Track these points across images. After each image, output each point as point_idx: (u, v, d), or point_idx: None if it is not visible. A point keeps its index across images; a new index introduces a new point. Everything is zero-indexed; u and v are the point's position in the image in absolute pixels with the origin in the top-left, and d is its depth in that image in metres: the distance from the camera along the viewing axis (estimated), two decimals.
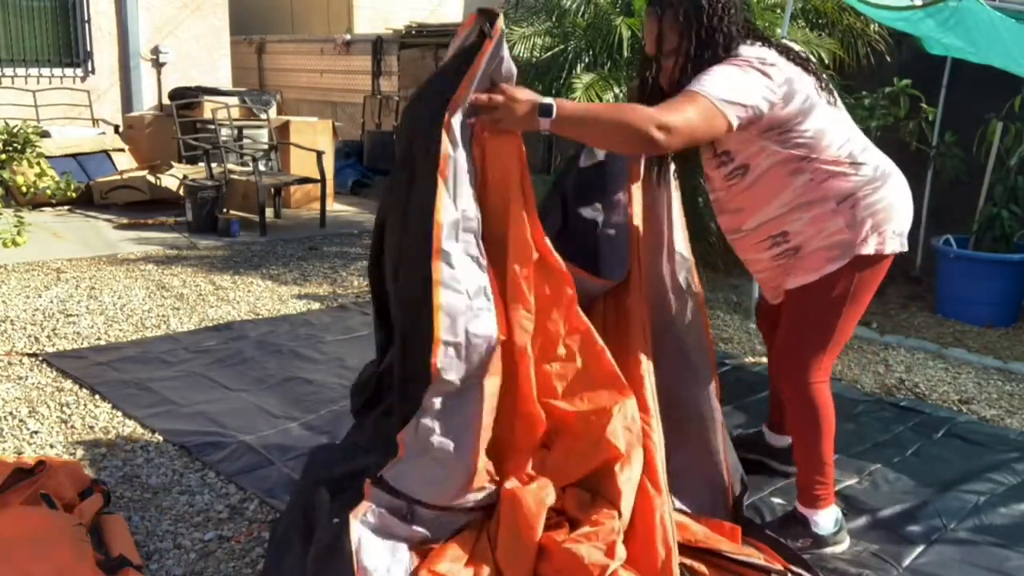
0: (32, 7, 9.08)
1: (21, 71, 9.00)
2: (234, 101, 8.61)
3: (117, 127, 9.06)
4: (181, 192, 7.32)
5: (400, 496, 2.18)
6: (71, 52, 9.29)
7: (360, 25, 13.03)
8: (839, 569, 2.46)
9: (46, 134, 7.79)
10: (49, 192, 5.88)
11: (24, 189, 5.91)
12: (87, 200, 7.61)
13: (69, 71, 9.24)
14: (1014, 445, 3.40)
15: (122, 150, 8.39)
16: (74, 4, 9.18)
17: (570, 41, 5.68)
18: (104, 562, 2.25)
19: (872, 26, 5.79)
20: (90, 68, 9.32)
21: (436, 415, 2.14)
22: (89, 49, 9.28)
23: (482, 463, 2.19)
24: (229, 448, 3.11)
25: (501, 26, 2.14)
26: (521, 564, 2.13)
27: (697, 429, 2.60)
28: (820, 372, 2.47)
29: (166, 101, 9.10)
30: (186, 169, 7.89)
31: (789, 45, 2.41)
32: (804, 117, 2.28)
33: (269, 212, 7.38)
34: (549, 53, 5.64)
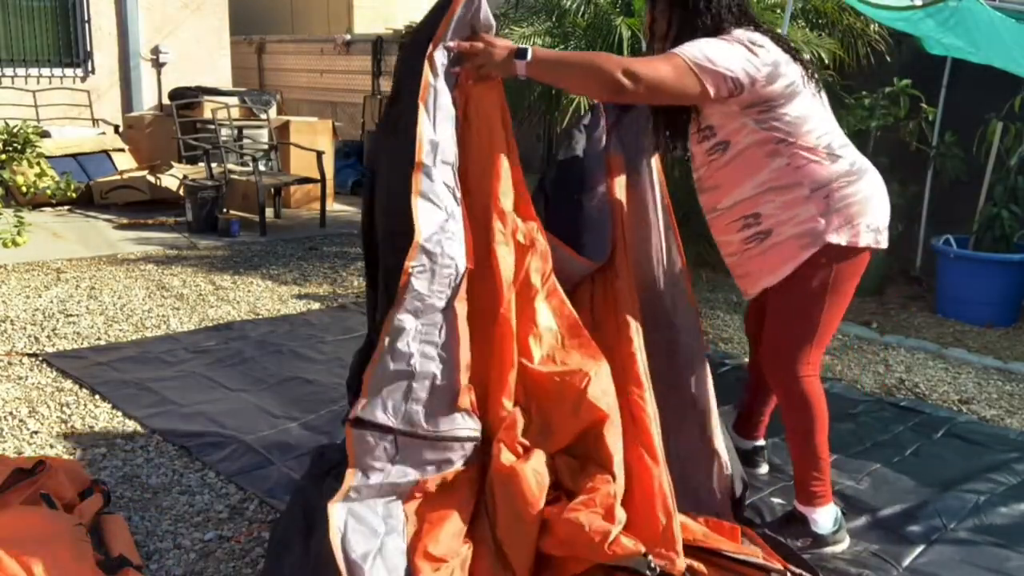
0: (32, 7, 9.08)
1: (21, 71, 9.00)
2: (234, 101, 8.61)
3: (117, 127, 9.06)
4: (181, 192, 7.32)
5: (383, 429, 2.15)
6: (71, 52, 9.29)
7: (360, 25, 13.02)
8: (839, 569, 2.46)
9: (46, 134, 7.78)
10: (49, 192, 5.87)
11: (24, 189, 5.90)
12: (87, 200, 7.61)
13: (69, 71, 9.24)
14: (1014, 445, 3.40)
15: (122, 150, 8.39)
16: (74, 4, 9.18)
17: (570, 41, 5.68)
18: (104, 562, 2.25)
19: (872, 26, 5.80)
20: (90, 68, 9.32)
21: (413, 336, 2.16)
22: (89, 49, 9.28)
23: (464, 381, 2.22)
24: (229, 448, 3.11)
25: None
26: (524, 544, 2.13)
27: (693, 416, 2.61)
28: (808, 366, 2.48)
29: (166, 101, 9.10)
30: (186, 169, 7.89)
31: (781, 35, 2.46)
32: (786, 101, 2.32)
33: (269, 212, 7.38)
34: None
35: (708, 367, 2.68)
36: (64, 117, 9.02)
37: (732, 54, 2.25)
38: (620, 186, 2.68)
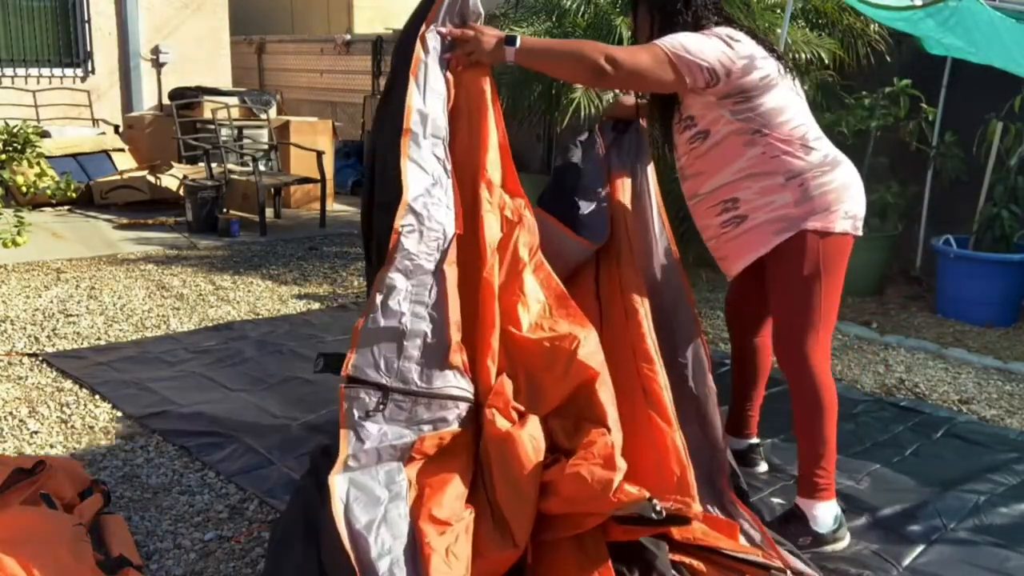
0: (32, 7, 9.08)
1: (21, 71, 9.00)
2: (234, 101, 8.61)
3: (117, 127, 9.06)
4: (181, 192, 7.32)
5: (376, 387, 2.16)
6: (71, 52, 9.30)
7: (360, 25, 13.02)
8: (839, 568, 2.46)
9: (46, 134, 7.78)
10: (49, 192, 5.88)
11: (24, 189, 5.91)
12: (87, 200, 7.61)
13: (69, 71, 9.24)
14: (1014, 445, 3.40)
15: (122, 150, 8.39)
16: (74, 4, 9.19)
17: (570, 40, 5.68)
18: (104, 562, 2.25)
19: (872, 26, 5.80)
20: (90, 68, 9.32)
21: (404, 296, 2.20)
22: (89, 49, 9.28)
23: (456, 339, 2.25)
24: (229, 448, 3.11)
25: None
26: (523, 509, 2.12)
27: (695, 414, 2.62)
28: (818, 353, 2.53)
29: (166, 101, 9.10)
30: (186, 169, 7.89)
31: (758, 32, 2.61)
32: (761, 92, 2.44)
33: (269, 212, 7.38)
34: None
35: (708, 366, 2.68)
36: (64, 117, 9.02)
37: (709, 46, 2.38)
38: (621, 190, 2.77)
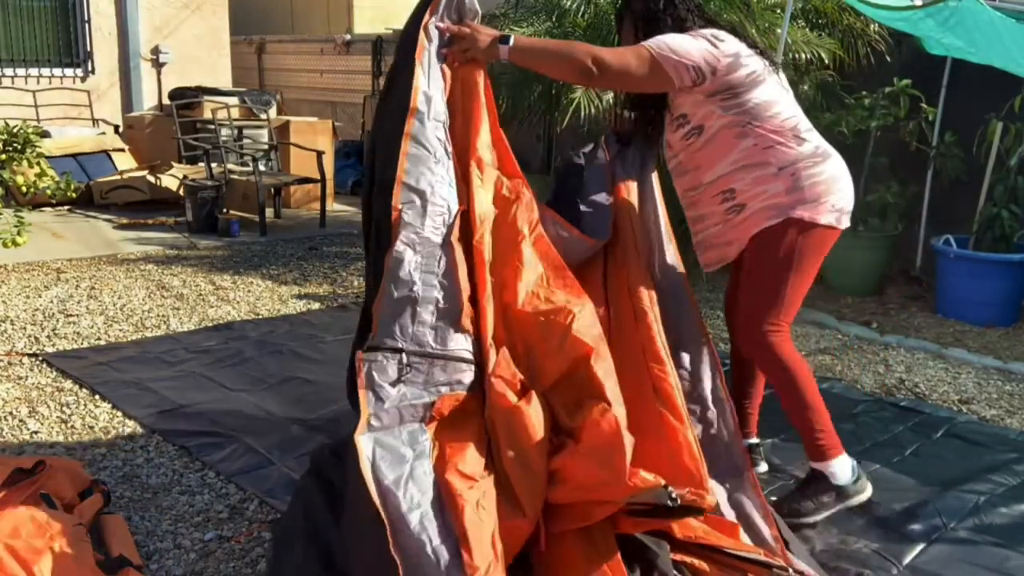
0: (32, 7, 9.08)
1: (21, 71, 9.00)
2: (234, 101, 8.61)
3: (117, 127, 9.06)
4: (181, 192, 7.32)
5: (393, 350, 2.21)
6: (71, 52, 9.30)
7: (360, 25, 13.02)
8: (840, 567, 2.46)
9: (46, 134, 7.78)
10: (49, 192, 5.87)
11: (24, 189, 5.90)
12: (87, 200, 7.61)
13: (69, 71, 9.24)
14: (1014, 445, 3.40)
15: (122, 150, 8.39)
16: (74, 4, 9.19)
17: (570, 40, 5.68)
18: (104, 562, 2.26)
19: (872, 26, 5.79)
20: (90, 68, 9.32)
21: (414, 267, 2.28)
22: (89, 49, 9.28)
23: (467, 306, 2.32)
24: (229, 448, 3.11)
25: None
26: (531, 482, 2.13)
27: (702, 414, 2.63)
28: (775, 330, 2.62)
29: (166, 101, 9.09)
30: (186, 169, 7.89)
31: (742, 32, 2.72)
32: (748, 88, 2.53)
33: (269, 212, 7.38)
34: None
35: (718, 367, 2.70)
36: (64, 117, 9.02)
37: (694, 45, 2.47)
38: (626, 197, 2.84)
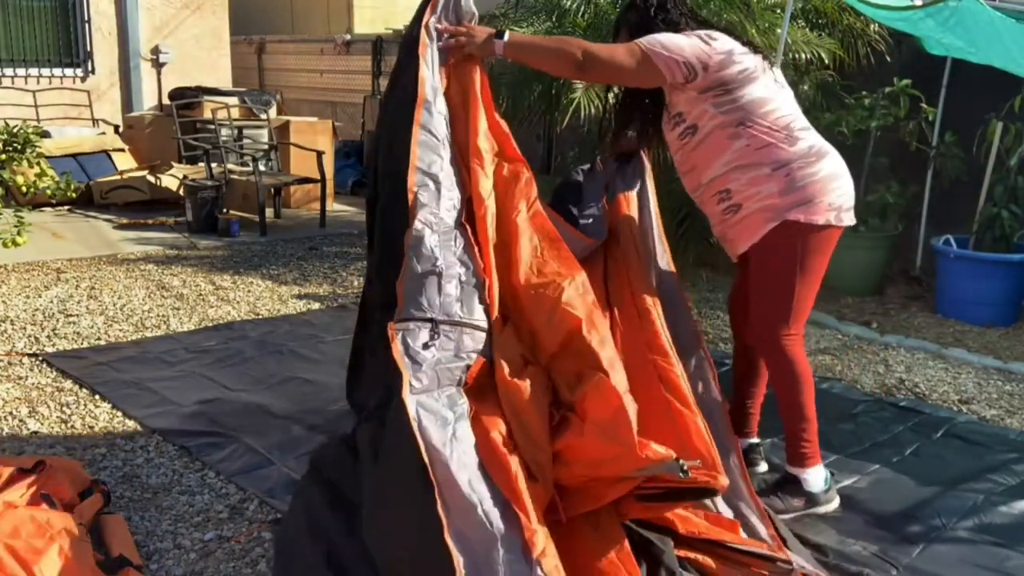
0: (32, 7, 9.08)
1: (21, 71, 9.00)
2: (234, 101, 8.60)
3: (117, 127, 9.06)
4: (181, 192, 7.32)
5: (423, 320, 2.26)
6: (71, 52, 9.29)
7: (360, 25, 13.02)
8: (839, 567, 2.46)
9: (46, 134, 7.78)
10: (49, 192, 5.87)
11: (24, 189, 5.90)
12: (87, 200, 7.61)
13: (69, 71, 9.24)
14: (1014, 445, 3.40)
15: (122, 150, 8.38)
16: (74, 4, 9.18)
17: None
18: (104, 562, 2.26)
19: (872, 26, 5.80)
20: (90, 68, 9.32)
21: (434, 243, 2.36)
22: (89, 49, 9.28)
23: (484, 280, 2.39)
24: (229, 448, 3.11)
25: None
26: (538, 458, 2.15)
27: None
28: (788, 335, 2.65)
29: (166, 101, 9.09)
30: (186, 169, 7.88)
31: (735, 32, 2.76)
32: (740, 85, 2.54)
33: (269, 212, 7.38)
34: None
35: (713, 375, 2.71)
36: (64, 117, 9.02)
37: (686, 43, 2.51)
38: (626, 208, 2.89)
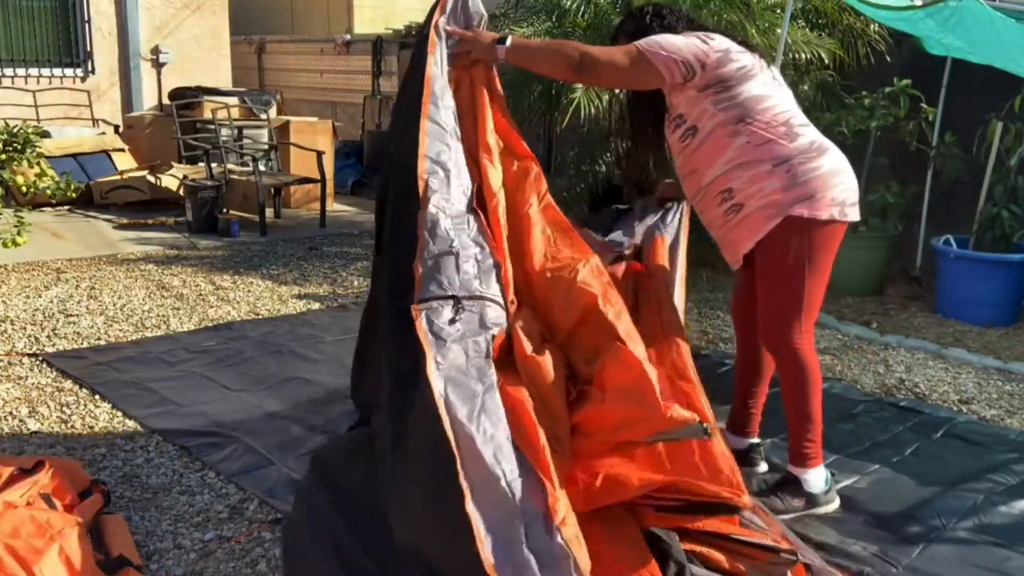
0: (32, 7, 9.08)
1: (21, 71, 9.00)
2: (234, 101, 8.60)
3: (117, 127, 9.05)
4: (181, 192, 7.32)
5: (444, 298, 2.28)
6: (71, 52, 9.29)
7: (360, 25, 13.02)
8: (839, 567, 2.45)
9: (46, 134, 7.78)
10: (49, 192, 5.86)
11: (24, 189, 5.90)
12: (87, 200, 7.61)
13: (69, 71, 9.24)
14: (1014, 445, 3.40)
15: (122, 150, 8.38)
16: (74, 4, 9.18)
17: (570, 40, 5.68)
18: (104, 562, 2.26)
19: (872, 26, 5.80)
20: (90, 68, 9.32)
21: (449, 226, 2.38)
22: (89, 49, 9.28)
23: (499, 262, 2.42)
24: (229, 448, 3.11)
25: None
26: (556, 431, 2.17)
27: None
28: (799, 334, 2.65)
29: (166, 101, 9.09)
30: (186, 169, 7.88)
31: (732, 34, 2.78)
32: (739, 82, 2.56)
33: (269, 212, 7.38)
34: None
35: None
36: (64, 117, 9.02)
37: (683, 42, 2.54)
38: (661, 248, 2.96)
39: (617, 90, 3.07)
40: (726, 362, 4.21)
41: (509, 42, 2.59)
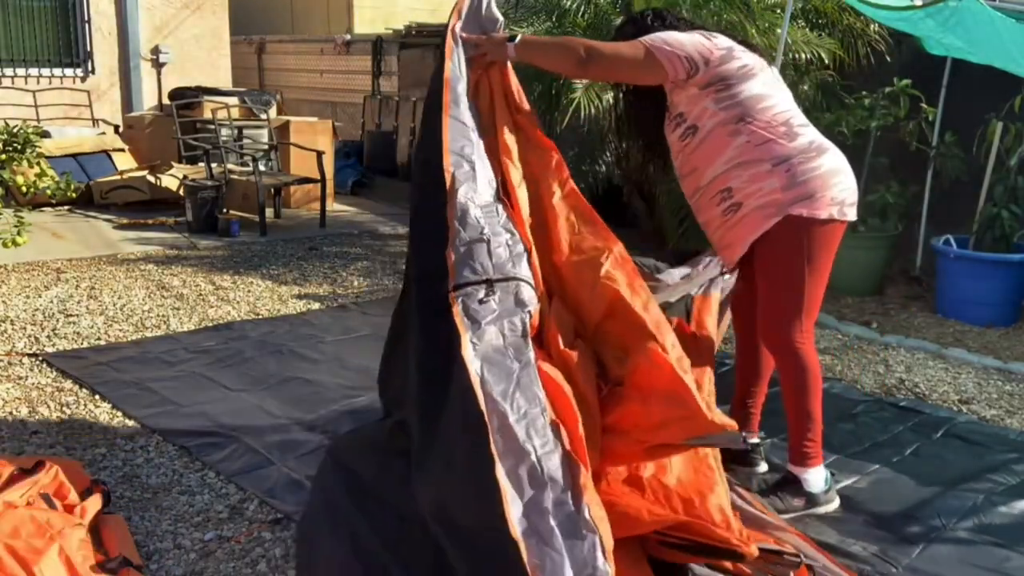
0: (32, 7, 9.07)
1: (21, 71, 9.00)
2: (234, 101, 8.60)
3: (117, 127, 9.05)
4: (181, 192, 7.32)
5: (478, 282, 2.30)
6: (71, 52, 9.29)
7: (360, 25, 13.02)
8: (844, 567, 2.46)
9: (46, 134, 7.77)
10: (49, 192, 5.86)
11: (24, 189, 5.89)
12: (87, 200, 7.60)
13: (69, 71, 9.23)
14: (1014, 445, 3.40)
15: (122, 150, 8.38)
16: (74, 4, 9.18)
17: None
18: (104, 562, 2.26)
19: (872, 26, 5.80)
20: (90, 68, 9.31)
21: (479, 214, 2.40)
22: (89, 49, 9.27)
23: (529, 247, 2.45)
24: (229, 448, 3.11)
25: None
26: (589, 425, 2.20)
27: None
28: (800, 333, 2.66)
29: (166, 101, 9.09)
30: (186, 169, 7.88)
31: (734, 34, 2.81)
32: (740, 80, 2.58)
33: (269, 212, 7.37)
34: None
35: None
36: (64, 117, 9.02)
37: (687, 38, 2.57)
38: (710, 308, 3.08)
39: (619, 91, 3.07)
40: (726, 362, 4.21)
41: (518, 39, 2.64)
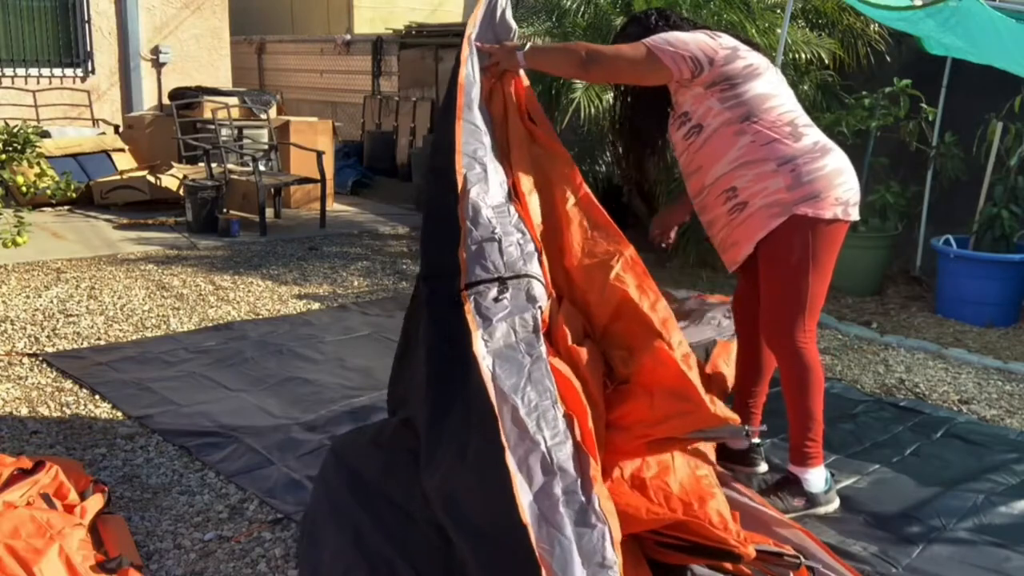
0: (32, 7, 9.07)
1: (21, 71, 9.00)
2: (234, 101, 8.60)
3: (117, 127, 9.05)
4: (181, 192, 7.32)
5: (489, 281, 2.33)
6: (71, 52, 9.29)
7: (360, 25, 13.02)
8: (847, 567, 2.46)
9: (46, 134, 7.78)
10: (49, 192, 5.88)
11: (24, 189, 5.91)
12: (87, 200, 7.60)
13: (69, 71, 9.24)
14: (1014, 445, 3.40)
15: (122, 150, 8.38)
16: (74, 4, 9.18)
17: (570, 41, 5.68)
18: (104, 562, 2.26)
19: (872, 26, 5.80)
20: (90, 68, 9.32)
21: (491, 214, 2.42)
22: (89, 49, 9.27)
23: (541, 246, 2.49)
24: (229, 448, 3.11)
25: None
26: (596, 418, 2.22)
27: None
28: (803, 333, 2.67)
29: (166, 101, 9.09)
30: (186, 169, 7.88)
31: (738, 33, 2.81)
32: (745, 80, 2.59)
33: (269, 212, 7.37)
34: None
35: None
36: (64, 117, 9.02)
37: (691, 38, 2.58)
38: (728, 352, 3.11)
39: (619, 91, 3.07)
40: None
41: (527, 48, 2.67)
